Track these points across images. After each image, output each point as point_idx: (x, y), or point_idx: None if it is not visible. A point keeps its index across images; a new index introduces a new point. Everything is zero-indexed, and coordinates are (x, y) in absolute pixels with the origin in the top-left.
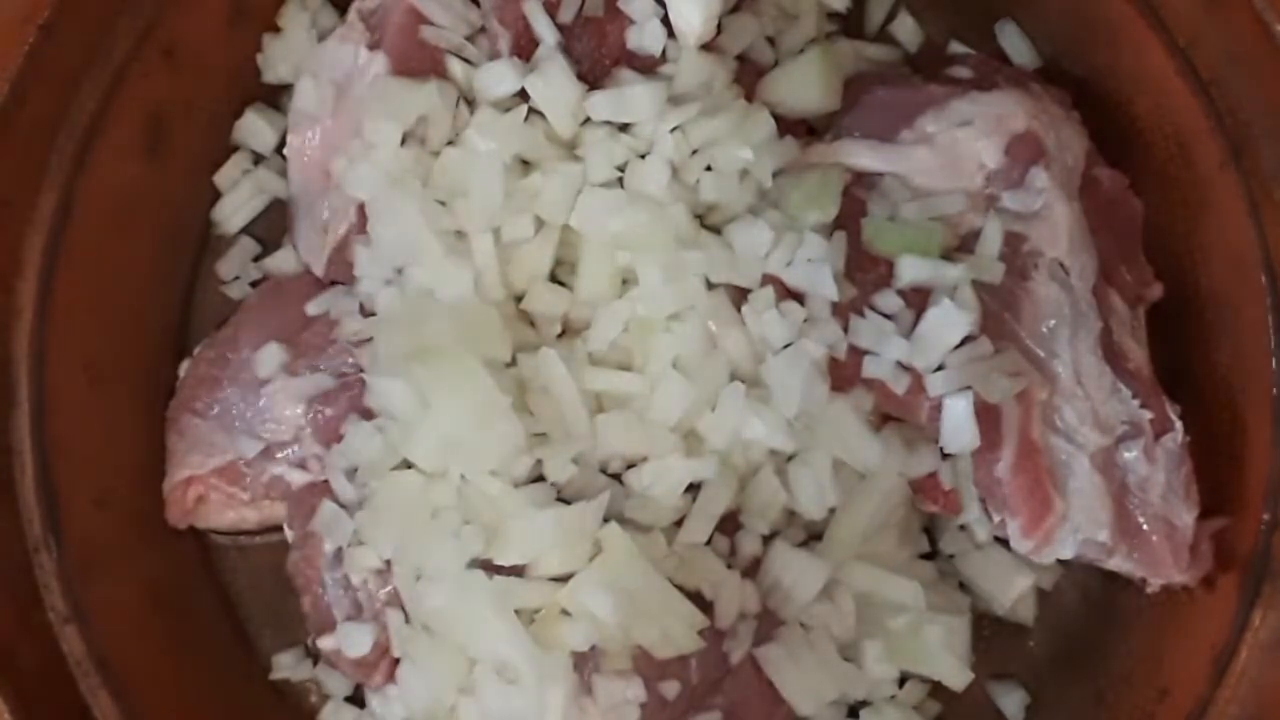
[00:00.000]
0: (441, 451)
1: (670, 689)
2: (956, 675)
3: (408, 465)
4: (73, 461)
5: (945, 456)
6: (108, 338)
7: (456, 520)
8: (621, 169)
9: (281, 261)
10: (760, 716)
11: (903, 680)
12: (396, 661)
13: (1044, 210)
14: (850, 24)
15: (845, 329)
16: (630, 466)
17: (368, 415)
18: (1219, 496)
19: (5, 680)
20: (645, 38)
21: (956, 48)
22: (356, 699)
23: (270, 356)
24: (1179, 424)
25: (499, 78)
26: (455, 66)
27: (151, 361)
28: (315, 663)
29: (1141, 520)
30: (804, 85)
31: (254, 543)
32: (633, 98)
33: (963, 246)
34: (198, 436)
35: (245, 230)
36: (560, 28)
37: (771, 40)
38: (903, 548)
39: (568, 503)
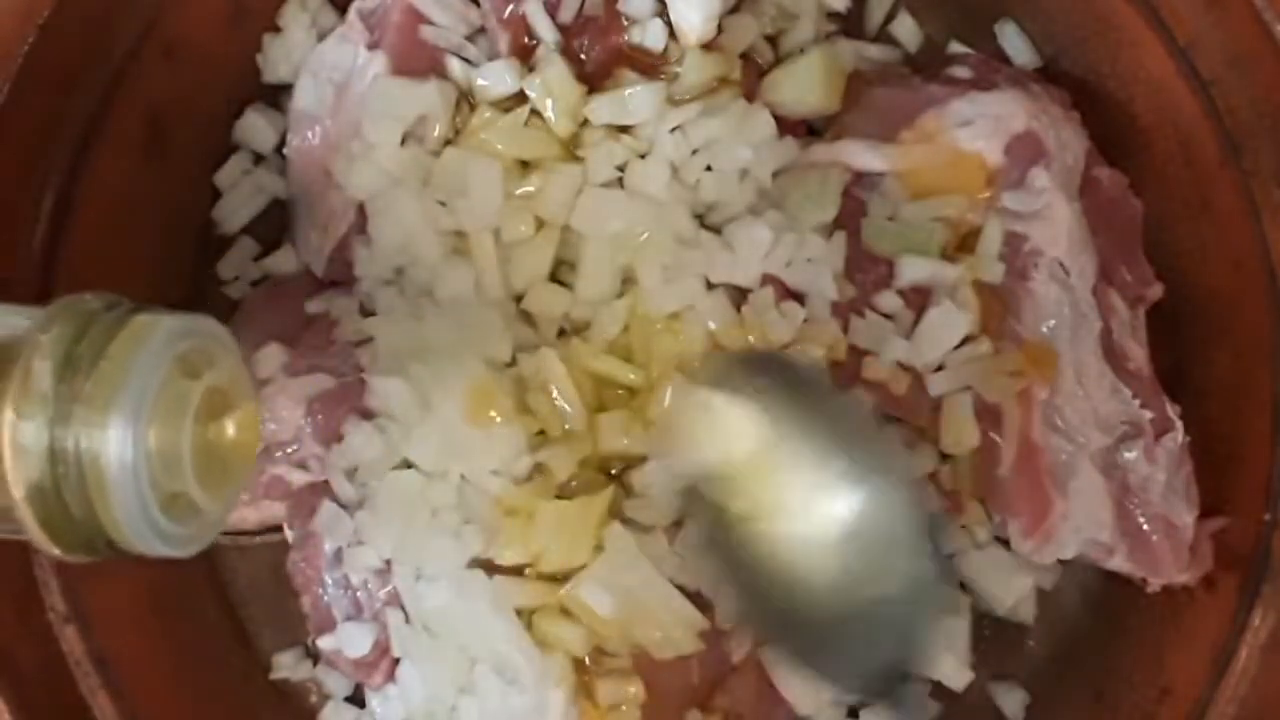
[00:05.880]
0: (441, 451)
1: (671, 689)
2: (956, 675)
3: (408, 465)
4: None
5: (945, 456)
6: None
7: (456, 520)
8: (621, 169)
9: (281, 261)
10: (761, 716)
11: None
12: (396, 661)
13: (1044, 210)
14: (850, 24)
15: (845, 329)
16: (630, 467)
17: (368, 415)
18: (1219, 496)
19: (5, 680)
20: (645, 37)
21: (956, 48)
22: (356, 699)
23: (270, 357)
24: (1179, 424)
25: (499, 78)
26: (455, 66)
27: None
28: (315, 663)
29: (1142, 520)
30: (804, 85)
31: (254, 543)
32: (633, 98)
33: (963, 246)
34: None
35: (245, 230)
36: (560, 28)
37: (771, 40)
38: None
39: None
